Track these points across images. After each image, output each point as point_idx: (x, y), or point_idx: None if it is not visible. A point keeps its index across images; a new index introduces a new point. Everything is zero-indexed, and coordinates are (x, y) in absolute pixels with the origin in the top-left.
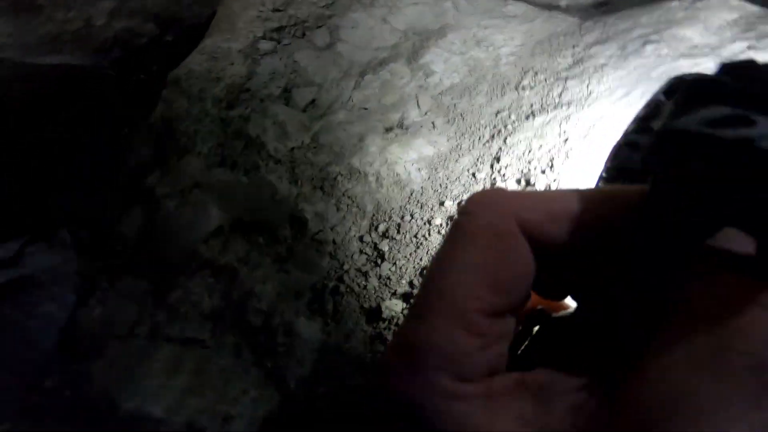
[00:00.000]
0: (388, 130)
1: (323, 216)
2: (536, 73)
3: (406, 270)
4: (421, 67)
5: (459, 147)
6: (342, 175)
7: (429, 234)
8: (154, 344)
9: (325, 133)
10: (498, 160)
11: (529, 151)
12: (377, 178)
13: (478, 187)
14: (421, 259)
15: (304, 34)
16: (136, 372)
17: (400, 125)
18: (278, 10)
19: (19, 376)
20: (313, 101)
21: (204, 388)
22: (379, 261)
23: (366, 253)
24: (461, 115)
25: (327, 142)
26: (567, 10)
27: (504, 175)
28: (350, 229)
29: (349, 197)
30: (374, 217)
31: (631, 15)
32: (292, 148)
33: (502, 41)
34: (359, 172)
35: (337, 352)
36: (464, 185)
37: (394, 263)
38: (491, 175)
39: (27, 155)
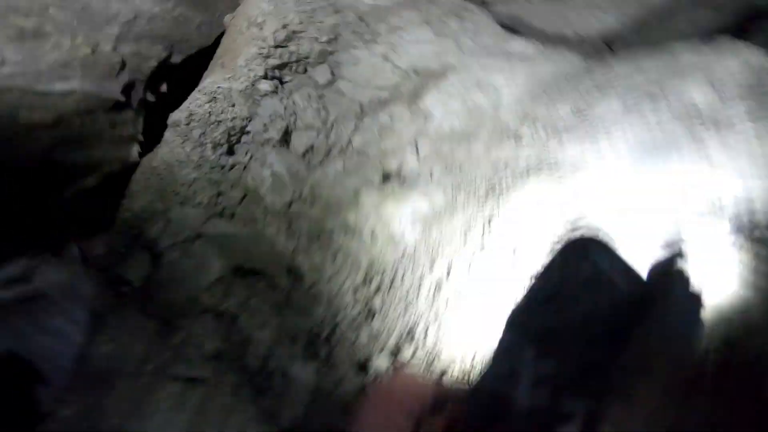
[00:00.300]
0: (386, 179)
1: (319, 268)
2: (535, 122)
3: (395, 328)
4: (421, 110)
5: (454, 202)
6: (338, 230)
7: (418, 296)
8: (160, 382)
9: (321, 186)
10: (489, 222)
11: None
12: (372, 234)
13: (466, 251)
14: (409, 320)
15: (305, 70)
16: (145, 408)
17: (398, 174)
18: (280, 46)
19: (34, 396)
20: (312, 146)
21: (206, 424)
22: (370, 316)
23: (359, 307)
24: (459, 164)
25: (324, 195)
26: (573, 44)
27: (492, 243)
28: (345, 281)
29: (344, 252)
30: (368, 273)
31: (636, 58)
32: (290, 202)
33: (503, 83)
34: (354, 228)
35: (328, 396)
36: (455, 247)
37: (384, 320)
38: (482, 240)
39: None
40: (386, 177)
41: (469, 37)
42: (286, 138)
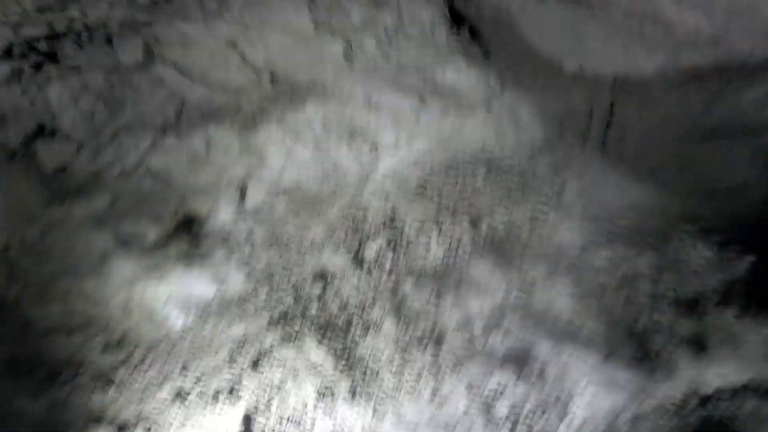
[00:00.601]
0: (180, 230)
1: (56, 321)
2: (390, 247)
3: (123, 411)
4: (258, 148)
5: (247, 303)
6: (75, 293)
7: (155, 395)
8: None
9: (58, 233)
10: (255, 365)
11: (281, 389)
12: (125, 308)
13: (221, 379)
14: (139, 411)
15: (109, 41)
16: None
17: (201, 226)
18: (48, 9)
19: None
20: (64, 168)
21: None
22: (109, 384)
23: (101, 370)
24: (284, 242)
25: (57, 250)
26: (557, 94)
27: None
28: (93, 338)
29: (86, 315)
30: (122, 339)
31: None
32: (7, 247)
33: (389, 142)
34: (98, 298)
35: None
36: (214, 369)
37: (119, 394)
38: (241, 382)
39: None
40: (184, 225)
41: (379, 37)
42: (28, 145)
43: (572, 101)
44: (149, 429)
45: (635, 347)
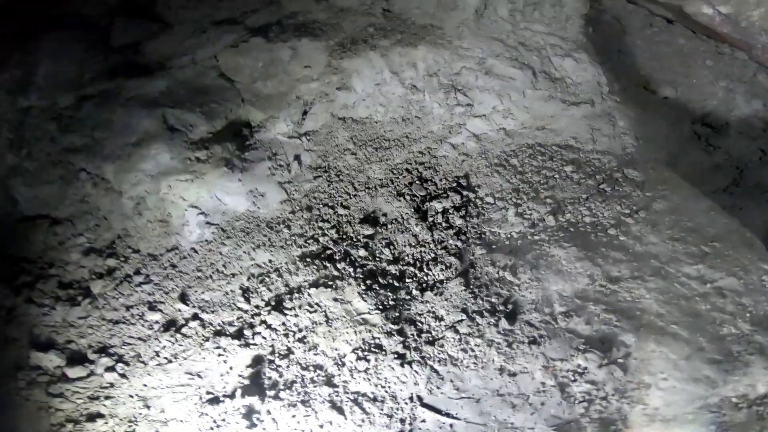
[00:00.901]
0: (204, 143)
1: (50, 203)
2: (460, 209)
3: (93, 334)
4: (343, 70)
5: (283, 226)
6: (88, 174)
7: (143, 317)
8: None
9: (99, 106)
10: (278, 303)
11: (309, 337)
12: (137, 205)
13: (231, 312)
14: (113, 336)
15: None
16: None
17: (248, 138)
18: None
19: None
20: (134, 46)
21: None
22: (82, 297)
23: (76, 277)
24: (335, 173)
25: (90, 122)
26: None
27: (266, 338)
28: (81, 234)
29: (90, 203)
30: (116, 243)
31: None
32: (28, 108)
33: (488, 107)
34: (111, 186)
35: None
36: (224, 299)
37: (89, 315)
38: (259, 311)
39: None
40: (235, 130)
41: (516, 6)
42: (106, 18)
43: (658, 124)
44: (118, 360)
45: (716, 350)
